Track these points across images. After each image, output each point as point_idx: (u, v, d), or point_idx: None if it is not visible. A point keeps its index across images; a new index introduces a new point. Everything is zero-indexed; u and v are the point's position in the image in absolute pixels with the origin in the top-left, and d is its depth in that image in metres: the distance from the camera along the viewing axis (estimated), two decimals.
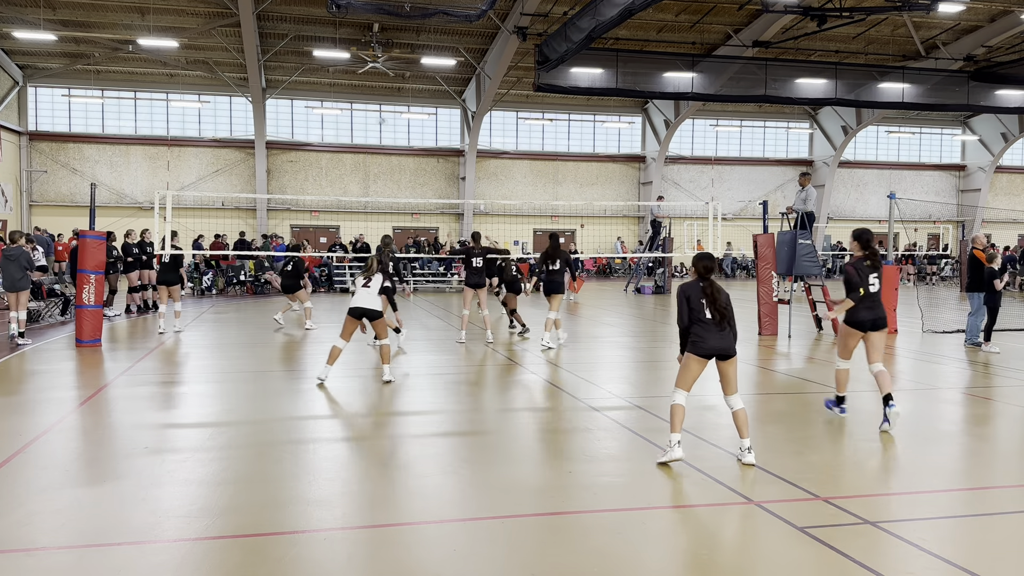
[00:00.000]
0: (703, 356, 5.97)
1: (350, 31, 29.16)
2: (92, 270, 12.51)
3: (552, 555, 4.31)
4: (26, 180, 32.15)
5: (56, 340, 13.21)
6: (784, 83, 28.58)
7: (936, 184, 42.33)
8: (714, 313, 5.93)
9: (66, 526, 4.70)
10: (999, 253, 16.11)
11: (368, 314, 9.27)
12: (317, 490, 5.41)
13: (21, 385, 9.40)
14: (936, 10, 23.42)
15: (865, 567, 4.14)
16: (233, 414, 7.77)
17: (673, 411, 5.99)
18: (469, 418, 7.72)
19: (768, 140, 40.46)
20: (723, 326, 5.96)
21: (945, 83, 30.04)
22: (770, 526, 4.76)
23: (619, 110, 37.89)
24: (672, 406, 6.02)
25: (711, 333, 5.93)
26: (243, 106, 33.70)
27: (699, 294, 5.98)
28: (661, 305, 21.19)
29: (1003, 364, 11.15)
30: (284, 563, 4.19)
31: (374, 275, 9.34)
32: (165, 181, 32.62)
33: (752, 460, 5.99)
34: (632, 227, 39.20)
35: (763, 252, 14.31)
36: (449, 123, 36.41)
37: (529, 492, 5.40)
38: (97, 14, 27.46)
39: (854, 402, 8.45)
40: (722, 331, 5.96)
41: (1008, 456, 6.60)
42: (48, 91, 32.63)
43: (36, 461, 6.04)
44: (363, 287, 9.30)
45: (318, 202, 34.75)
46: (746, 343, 13.30)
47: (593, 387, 9.10)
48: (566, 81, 26.56)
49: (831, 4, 24.58)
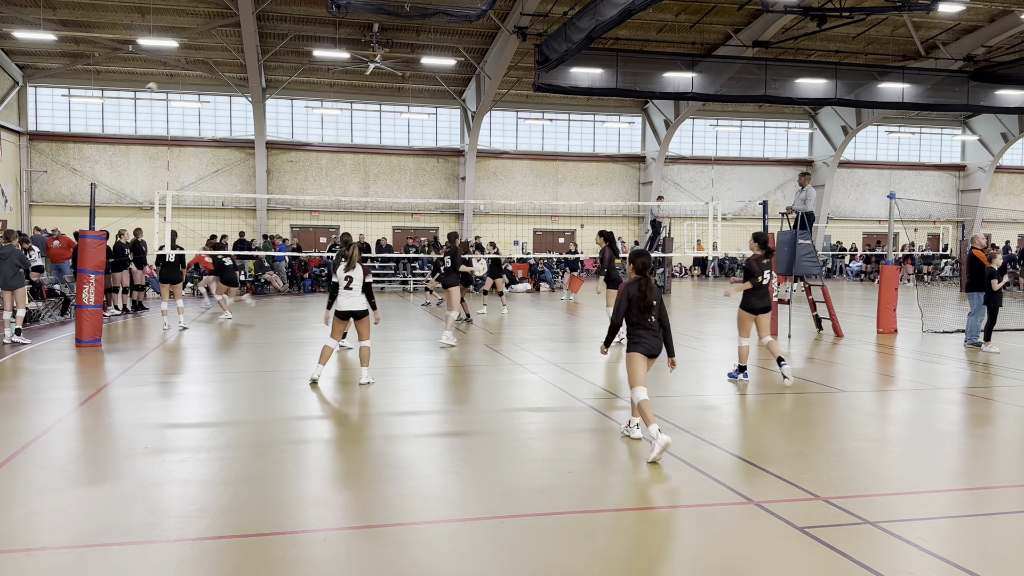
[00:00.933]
0: (646, 355, 6.43)
1: (350, 31, 29.16)
2: (92, 270, 12.50)
3: (552, 555, 4.31)
4: (26, 180, 32.15)
5: (56, 340, 13.21)
6: (784, 83, 28.57)
7: (936, 184, 42.33)
8: (647, 312, 6.36)
9: (66, 526, 4.70)
10: (999, 252, 16.11)
11: (355, 314, 9.16)
12: (317, 490, 5.41)
13: (21, 385, 9.40)
14: (936, 10, 23.41)
15: (865, 567, 4.14)
16: (233, 414, 7.77)
17: (643, 407, 6.26)
18: (469, 418, 7.72)
19: (768, 140, 40.47)
20: (656, 326, 6.43)
21: (945, 83, 30.03)
22: (770, 526, 4.76)
23: (619, 110, 37.89)
24: (640, 403, 6.29)
25: (650, 333, 6.42)
26: (243, 106, 33.70)
27: (638, 292, 6.38)
28: None
29: (1003, 364, 11.15)
30: (284, 563, 4.18)
31: (353, 270, 9.05)
32: (165, 181, 32.62)
33: (639, 435, 6.63)
34: (632, 227, 39.20)
35: None
36: (449, 123, 36.41)
37: (529, 492, 5.40)
38: (97, 14, 27.46)
39: (852, 401, 8.46)
40: (656, 332, 6.45)
41: (1008, 456, 6.60)
42: (48, 91, 32.63)
43: (36, 461, 6.04)
44: (345, 289, 9.02)
45: (318, 202, 34.75)
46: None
47: (593, 387, 9.10)
48: (566, 81, 26.55)
49: (831, 4, 24.58)
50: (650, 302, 6.36)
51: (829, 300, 14.55)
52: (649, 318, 6.38)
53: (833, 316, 14.43)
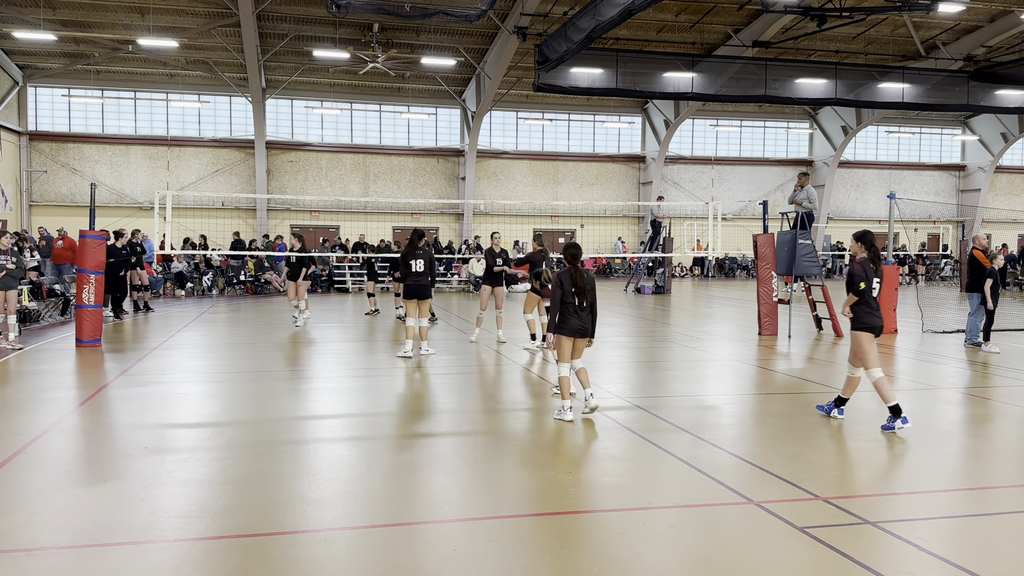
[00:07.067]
0: (568, 335, 7.32)
1: (350, 31, 29.16)
2: (92, 270, 12.50)
3: (552, 555, 4.31)
4: (26, 180, 32.14)
5: (56, 340, 13.21)
6: (784, 83, 28.57)
7: (936, 184, 42.32)
8: (579, 295, 7.21)
9: (66, 526, 4.70)
10: (1002, 252, 16.09)
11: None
12: (317, 490, 5.40)
13: (21, 385, 9.40)
14: (936, 10, 23.41)
15: (865, 567, 4.14)
16: (233, 414, 7.77)
17: (562, 382, 7.35)
18: (469, 418, 7.72)
19: (768, 140, 40.46)
20: (582, 309, 7.29)
21: (945, 83, 30.02)
22: (770, 526, 4.76)
23: (619, 110, 37.88)
24: (560, 378, 7.35)
25: (573, 316, 7.29)
26: (243, 106, 33.70)
27: (569, 279, 7.24)
28: (661, 305, 21.20)
29: (1003, 364, 11.15)
30: (284, 563, 4.18)
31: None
32: (165, 181, 32.63)
33: (596, 404, 7.51)
34: (632, 227, 39.20)
35: (763, 252, 14.31)
36: (449, 123, 36.40)
37: (529, 492, 5.40)
38: (97, 14, 27.45)
39: (852, 401, 8.45)
40: (582, 313, 7.30)
41: (1008, 456, 6.59)
42: (48, 91, 32.62)
43: (36, 461, 6.04)
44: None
45: (318, 202, 34.75)
46: (746, 343, 13.32)
47: (593, 387, 9.09)
48: (566, 81, 26.54)
49: (831, 4, 24.58)
50: (582, 287, 7.22)
51: (829, 300, 14.55)
52: (583, 302, 7.27)
53: (833, 316, 14.43)
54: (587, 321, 7.35)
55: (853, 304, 7.30)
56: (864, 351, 7.18)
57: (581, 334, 7.34)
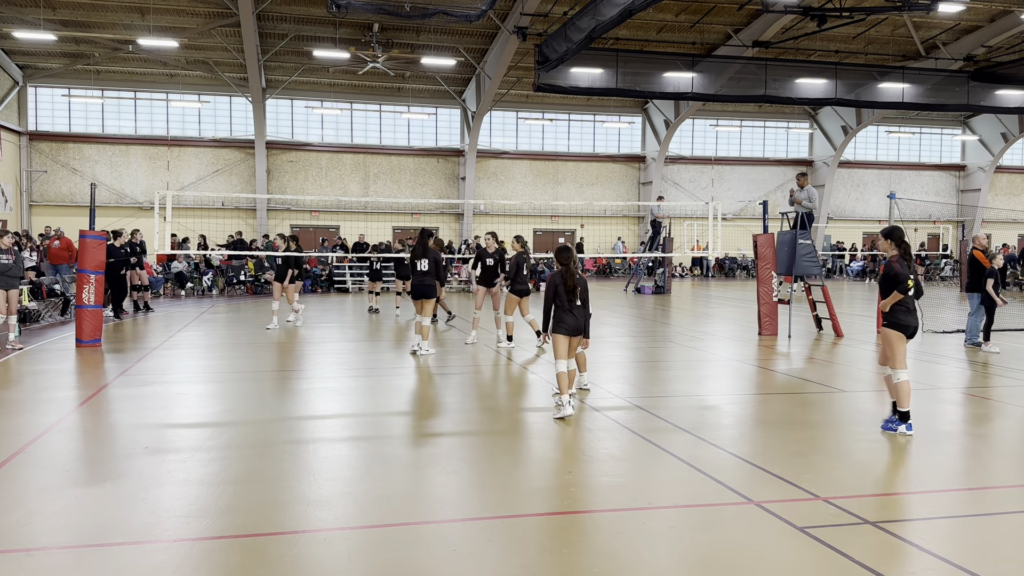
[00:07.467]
0: (565, 334, 7.53)
1: (350, 31, 29.16)
2: (92, 270, 12.50)
3: (552, 555, 4.31)
4: (26, 180, 32.15)
5: (56, 340, 13.20)
6: (784, 83, 28.56)
7: (936, 184, 42.32)
8: (571, 295, 7.45)
9: (66, 526, 4.70)
10: (1003, 252, 16.07)
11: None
12: (317, 490, 5.40)
13: (21, 385, 9.40)
14: (936, 10, 23.40)
15: (865, 567, 4.14)
16: (233, 414, 7.77)
17: (560, 378, 7.50)
18: (469, 418, 7.72)
19: (768, 140, 40.46)
20: (576, 308, 7.51)
21: (945, 83, 30.01)
22: (770, 526, 4.76)
23: (619, 110, 37.88)
24: (558, 374, 7.51)
25: (568, 315, 7.54)
26: (243, 106, 33.70)
27: (561, 280, 7.50)
28: (661, 305, 21.19)
29: (1003, 364, 11.15)
30: (284, 563, 4.19)
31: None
32: (165, 181, 32.63)
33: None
34: (632, 227, 39.20)
35: (763, 252, 14.31)
36: (449, 123, 36.41)
37: (529, 492, 5.40)
38: (97, 14, 27.45)
39: (852, 401, 8.45)
40: (576, 314, 7.53)
41: (1008, 456, 6.59)
42: (48, 91, 32.62)
43: (36, 461, 6.04)
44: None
45: (318, 202, 34.75)
46: (746, 343, 13.32)
47: (593, 387, 9.09)
48: (566, 81, 26.54)
49: (831, 4, 24.58)
50: (572, 286, 7.45)
51: (829, 300, 14.55)
52: (576, 301, 7.49)
53: (833, 316, 14.43)
54: (581, 319, 7.59)
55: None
56: (894, 350, 6.93)
57: (576, 332, 7.60)
